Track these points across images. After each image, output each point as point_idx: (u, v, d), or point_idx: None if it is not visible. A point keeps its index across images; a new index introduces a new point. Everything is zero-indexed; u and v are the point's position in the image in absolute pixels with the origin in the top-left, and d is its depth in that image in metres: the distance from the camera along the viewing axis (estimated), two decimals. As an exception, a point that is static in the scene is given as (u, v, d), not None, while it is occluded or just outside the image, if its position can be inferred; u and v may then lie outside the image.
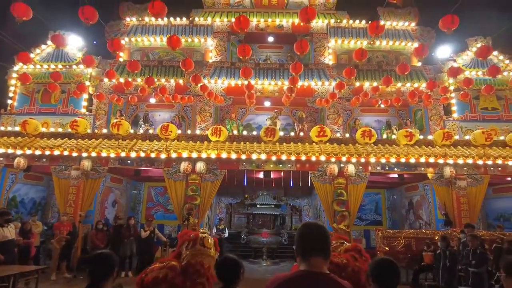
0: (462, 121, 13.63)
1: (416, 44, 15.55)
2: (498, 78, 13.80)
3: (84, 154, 11.24)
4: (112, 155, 11.24)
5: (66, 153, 11.20)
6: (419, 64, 14.92)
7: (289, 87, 10.13)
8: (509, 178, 11.96)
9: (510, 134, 11.90)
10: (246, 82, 9.66)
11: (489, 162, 11.23)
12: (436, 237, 9.31)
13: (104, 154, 11.21)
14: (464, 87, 10.91)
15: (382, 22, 15.78)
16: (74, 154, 11.24)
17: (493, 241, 9.54)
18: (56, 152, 11.12)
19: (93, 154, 11.19)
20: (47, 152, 11.13)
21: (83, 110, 13.89)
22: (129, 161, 11.71)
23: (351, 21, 16.02)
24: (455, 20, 6.11)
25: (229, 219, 17.27)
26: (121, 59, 14.97)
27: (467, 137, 12.55)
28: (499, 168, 11.59)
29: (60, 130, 12.82)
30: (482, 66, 14.21)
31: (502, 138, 12.48)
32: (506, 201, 13.68)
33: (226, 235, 13.77)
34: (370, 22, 15.85)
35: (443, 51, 15.71)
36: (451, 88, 13.51)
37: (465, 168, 11.57)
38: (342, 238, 4.73)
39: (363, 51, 7.35)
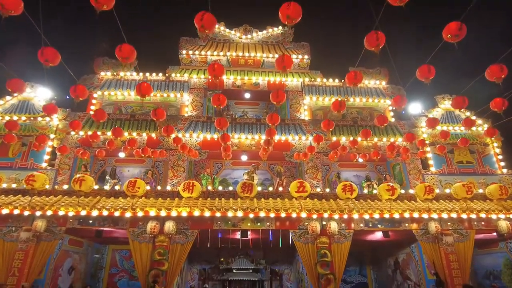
0: (440, 175, 13.59)
1: (388, 101, 16.13)
2: (468, 133, 14.24)
3: (38, 213, 9.99)
4: (71, 213, 10.04)
5: (16, 211, 9.92)
6: (393, 120, 15.23)
7: (266, 139, 9.76)
8: (495, 234, 11.55)
9: (489, 186, 11.81)
10: (221, 134, 9.20)
11: (473, 216, 10.91)
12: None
13: (61, 212, 10.00)
14: (441, 139, 10.98)
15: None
16: (26, 213, 9.97)
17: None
18: (5, 211, 9.82)
19: (49, 212, 9.97)
20: (-6, 211, 9.80)
21: (44, 165, 12.80)
22: (90, 221, 10.49)
23: (324, 80, 16.57)
24: (431, 70, 6.11)
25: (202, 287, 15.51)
26: (91, 113, 14.38)
27: (447, 191, 12.37)
28: (483, 222, 11.27)
29: (14, 186, 11.56)
30: (452, 121, 14.70)
31: (480, 191, 12.40)
32: (493, 257, 13.16)
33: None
34: (343, 80, 16.55)
35: (414, 108, 16.31)
36: (427, 142, 13.69)
37: (449, 223, 11.15)
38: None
39: (342, 101, 7.20)
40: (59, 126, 13.28)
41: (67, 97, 19.79)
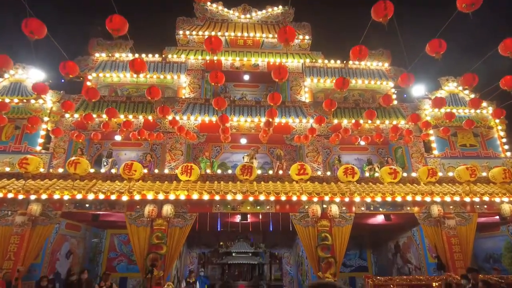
0: (443, 158, 13.35)
1: (391, 83, 15.73)
2: (472, 115, 13.94)
3: (33, 197, 9.78)
4: (67, 197, 9.83)
5: (10, 195, 9.70)
6: (396, 102, 14.86)
7: (266, 120, 9.44)
8: (497, 217, 11.42)
9: (492, 170, 11.59)
10: (220, 115, 8.87)
11: (476, 199, 10.76)
12: (434, 284, 8.32)
13: (57, 196, 9.79)
14: (446, 120, 10.68)
15: (356, 62, 16.07)
16: (21, 196, 9.75)
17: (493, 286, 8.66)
18: (-2, 195, 9.60)
19: (44, 196, 9.76)
20: (-13, 195, 9.57)
21: (39, 148, 12.49)
22: (87, 205, 10.30)
23: (326, 61, 16.12)
24: (442, 44, 5.76)
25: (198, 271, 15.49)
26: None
27: (450, 174, 12.17)
28: (485, 206, 11.14)
29: (8, 169, 11.29)
30: (456, 104, 14.37)
31: (484, 174, 12.21)
32: (494, 241, 13.10)
33: (198, 289, 12.09)
34: (345, 61, 16.11)
35: (417, 90, 15.92)
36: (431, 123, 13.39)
37: (451, 207, 11.00)
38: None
39: (345, 80, 6.86)
40: (53, 109, 12.91)
41: (62, 80, 19.33)
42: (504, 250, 12.81)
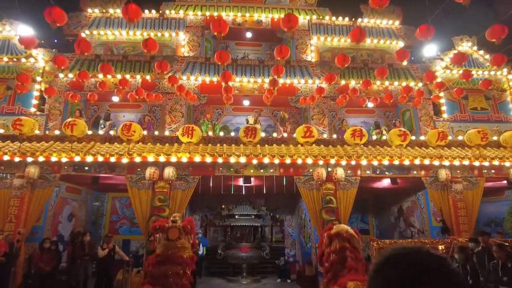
0: (452, 122, 12.92)
1: (401, 43, 14.92)
2: (487, 77, 13.32)
3: (30, 159, 9.46)
4: (64, 159, 9.51)
5: (6, 157, 9.38)
6: (405, 63, 14.16)
7: (272, 79, 8.88)
8: (505, 182, 11.23)
9: (504, 133, 11.22)
10: (222, 71, 8.30)
11: (486, 164, 10.47)
12: (440, 247, 8.23)
13: (54, 158, 9.47)
14: (463, 79, 10.12)
15: (365, 20, 15.15)
16: (17, 159, 9.44)
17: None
18: (-6, 157, 9.27)
19: (41, 158, 9.44)
20: (-17, 157, 9.26)
21: (33, 110, 12.01)
22: (86, 167, 10.02)
23: (334, 18, 15.17)
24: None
25: (204, 233, 15.63)
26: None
27: (459, 138, 11.81)
28: (493, 170, 10.89)
29: (2, 131, 10.90)
30: (469, 65, 13.68)
31: (495, 138, 11.84)
32: (497, 206, 13.02)
33: (202, 252, 12.14)
34: (353, 19, 15.17)
35: (429, 50, 15.16)
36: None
37: (458, 171, 10.76)
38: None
39: (361, 30, 6.25)
40: (46, 68, 12.25)
41: (55, 40, 18.40)
42: (507, 215, 12.75)
